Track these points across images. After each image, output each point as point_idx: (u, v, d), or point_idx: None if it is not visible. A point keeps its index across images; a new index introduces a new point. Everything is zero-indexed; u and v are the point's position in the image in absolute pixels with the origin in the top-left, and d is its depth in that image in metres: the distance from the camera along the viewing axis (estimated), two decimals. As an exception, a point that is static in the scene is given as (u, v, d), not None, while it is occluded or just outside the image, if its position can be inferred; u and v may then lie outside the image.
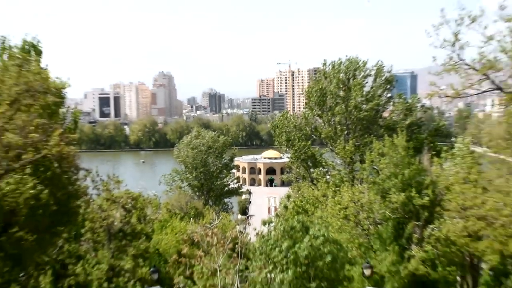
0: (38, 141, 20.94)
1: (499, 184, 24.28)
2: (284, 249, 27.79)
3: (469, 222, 24.87)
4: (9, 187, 24.29)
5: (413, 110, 64.65)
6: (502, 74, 24.27)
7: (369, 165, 42.50)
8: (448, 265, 33.54)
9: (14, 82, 19.71)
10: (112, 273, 33.97)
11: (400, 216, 34.56)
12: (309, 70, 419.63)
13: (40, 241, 28.03)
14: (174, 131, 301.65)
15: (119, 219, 36.48)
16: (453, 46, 24.00)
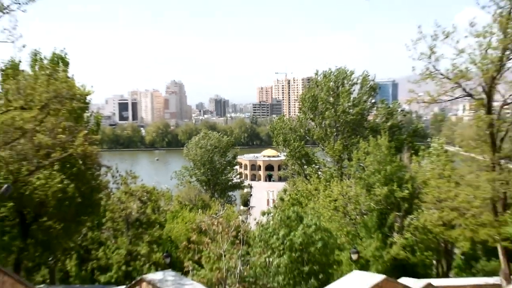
0: (65, 142, 21.01)
1: (470, 179, 24.30)
2: (280, 237, 27.85)
3: (443, 212, 24.88)
4: (40, 182, 24.38)
5: (394, 114, 64.86)
6: (472, 83, 24.37)
7: (356, 163, 42.54)
8: (425, 251, 33.52)
9: (44, 90, 19.75)
10: (130, 258, 34.03)
11: (383, 207, 34.57)
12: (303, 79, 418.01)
13: (66, 229, 28.12)
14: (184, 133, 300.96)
15: (136, 210, 36.53)
16: (429, 58, 24.12)
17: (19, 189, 23.84)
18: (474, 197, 23.19)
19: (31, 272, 32.51)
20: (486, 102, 23.70)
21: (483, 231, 23.36)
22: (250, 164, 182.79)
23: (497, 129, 23.81)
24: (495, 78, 23.19)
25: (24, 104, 19.19)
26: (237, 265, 26.12)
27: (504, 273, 24.04)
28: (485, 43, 23.04)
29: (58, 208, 26.37)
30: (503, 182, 22.48)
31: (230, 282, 25.51)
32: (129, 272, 32.94)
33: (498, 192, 22.75)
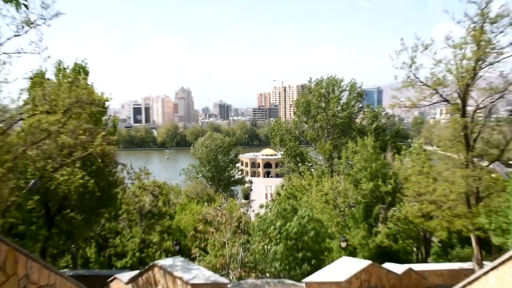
0: (86, 142, 20.96)
1: (446, 175, 24.27)
2: (277, 227, 27.84)
3: (423, 205, 24.84)
4: (63, 178, 24.36)
5: (378, 117, 64.93)
6: (448, 90, 24.37)
7: (345, 161, 42.54)
8: (406, 239, 33.56)
9: (67, 96, 19.71)
10: (143, 245, 34.04)
11: (369, 200, 34.60)
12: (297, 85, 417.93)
13: (87, 220, 28.09)
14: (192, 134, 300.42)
15: (148, 203, 36.56)
16: (410, 67, 24.10)
17: (45, 184, 23.81)
18: (450, 191, 23.17)
19: (55, 258, 32.48)
20: (461, 107, 23.69)
21: (458, 222, 23.35)
22: (251, 162, 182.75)
23: (471, 131, 23.83)
24: (469, 86, 23.20)
25: (49, 108, 19.15)
26: (239, 252, 26.12)
27: (476, 259, 24.03)
28: (460, 54, 23.05)
29: (79, 201, 26.36)
30: (476, 178, 22.48)
31: (232, 267, 25.50)
32: (143, 258, 32.95)
33: (471, 187, 22.74)
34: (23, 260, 7.02)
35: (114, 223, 35.99)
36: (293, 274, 25.90)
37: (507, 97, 24.57)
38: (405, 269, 20.29)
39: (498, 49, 22.59)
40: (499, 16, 22.20)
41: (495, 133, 26.69)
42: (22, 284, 6.92)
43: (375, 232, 33.05)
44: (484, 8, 22.31)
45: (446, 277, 23.91)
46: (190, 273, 15.39)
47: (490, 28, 22.47)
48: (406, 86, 24.78)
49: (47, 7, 17.36)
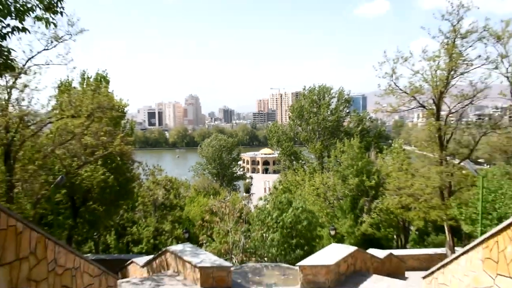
0: (106, 142, 20.97)
1: (423, 172, 24.28)
2: (274, 217, 27.87)
3: (402, 198, 24.85)
4: (86, 174, 24.39)
5: (363, 120, 64.99)
6: (424, 96, 24.41)
7: (334, 159, 42.54)
8: (388, 228, 33.56)
9: (90, 102, 19.75)
10: (157, 233, 34.04)
11: (355, 194, 34.58)
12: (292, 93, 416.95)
13: (107, 211, 28.13)
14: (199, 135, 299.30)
15: (161, 196, 36.55)
16: (391, 77, 24.13)
17: (71, 180, 23.83)
18: (426, 186, 23.20)
19: (80, 244, 32.53)
20: (435, 112, 23.73)
21: (433, 213, 23.38)
22: (251, 160, 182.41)
23: (444, 133, 23.87)
24: (442, 93, 23.25)
25: (74, 113, 19.19)
26: (241, 239, 26.16)
27: (449, 245, 24.06)
28: (435, 65, 23.13)
29: (100, 195, 26.41)
30: (449, 174, 22.52)
31: (235, 252, 25.52)
32: (156, 245, 32.96)
33: (444, 182, 22.77)
34: (52, 246, 7.05)
35: (131, 214, 36.01)
36: (288, 258, 25.90)
37: (476, 103, 24.65)
38: (387, 254, 20.30)
39: (468, 61, 22.71)
40: (468, 32, 22.31)
41: (465, 135, 26.77)
42: (50, 267, 6.94)
43: (360, 221, 33.05)
44: (455, 25, 22.40)
45: (422, 261, 23.92)
46: (198, 257, 15.41)
47: (461, 42, 22.58)
48: (387, 93, 24.83)
49: (72, 24, 17.45)
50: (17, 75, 17.48)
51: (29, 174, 17.69)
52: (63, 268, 7.56)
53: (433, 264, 17.55)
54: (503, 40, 22.63)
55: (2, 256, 5.14)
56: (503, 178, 23.96)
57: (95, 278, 10.01)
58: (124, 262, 23.17)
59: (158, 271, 17.89)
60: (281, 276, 16.44)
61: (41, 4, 7.99)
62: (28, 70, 17.70)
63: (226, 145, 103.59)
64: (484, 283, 6.75)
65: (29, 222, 6.09)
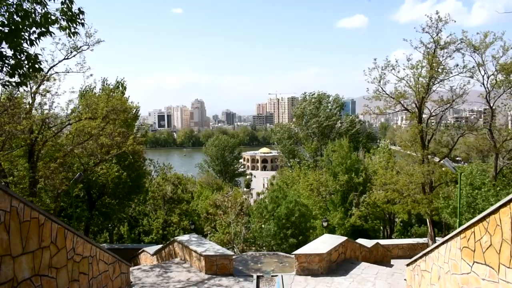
0: (120, 142, 20.94)
1: (407, 169, 24.30)
2: (270, 210, 27.92)
3: (388, 193, 24.86)
4: (102, 171, 24.38)
5: (354, 124, 65.14)
6: (408, 101, 24.43)
7: (326, 158, 42.49)
8: (375, 220, 33.58)
9: (105, 105, 19.75)
10: (165, 225, 33.97)
11: (345, 189, 34.57)
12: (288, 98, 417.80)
13: (120, 204, 28.13)
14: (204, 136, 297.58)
15: (170, 191, 36.47)
16: (379, 82, 24.13)
17: (88, 176, 23.86)
18: (410, 182, 23.20)
19: (96, 234, 32.50)
20: (418, 115, 23.75)
21: (416, 207, 23.39)
22: (251, 158, 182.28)
23: (426, 134, 23.91)
24: (424, 98, 23.29)
25: (91, 115, 19.18)
26: (242, 230, 26.15)
27: (430, 235, 24.07)
28: (417, 73, 23.15)
29: (114, 189, 26.41)
30: (430, 171, 22.53)
31: (236, 242, 25.52)
32: (165, 235, 32.92)
33: (426, 178, 22.78)
34: (71, 236, 7.05)
35: (142, 207, 35.95)
36: (283, 247, 25.93)
37: (455, 107, 24.70)
38: (374, 244, 20.30)
39: (447, 69, 22.78)
40: (447, 43, 22.37)
41: (445, 136, 26.81)
42: (69, 255, 6.94)
43: (350, 214, 33.06)
44: (435, 37, 22.46)
45: (406, 249, 23.91)
46: (203, 246, 15.41)
47: (441, 52, 22.62)
48: (375, 98, 24.84)
49: (90, 35, 17.45)
50: (40, 81, 17.51)
51: (51, 171, 17.70)
52: (81, 256, 7.56)
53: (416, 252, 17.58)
54: (480, 50, 22.69)
55: (26, 245, 5.14)
56: (485, 176, 23.96)
57: (109, 265, 10.00)
58: (136, 251, 23.16)
59: (167, 259, 17.89)
60: (278, 263, 16.45)
61: (65, 16, 8.01)
62: (50, 77, 17.73)
63: (228, 145, 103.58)
64: (462, 270, 6.75)
65: (50, 215, 6.09)
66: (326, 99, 67.85)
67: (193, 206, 42.78)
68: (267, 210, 28.09)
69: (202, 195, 50.02)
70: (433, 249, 8.86)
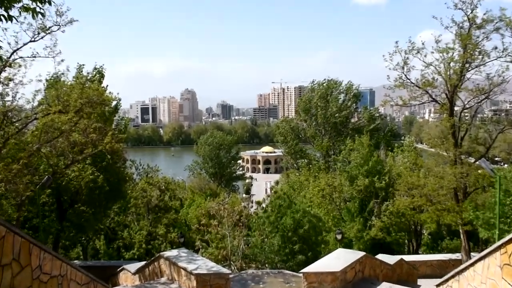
0: (96, 140, 20.93)
1: (436, 171, 24.27)
2: (272, 221, 27.95)
3: (414, 199, 24.84)
4: (74, 174, 24.39)
5: (374, 118, 65.13)
6: (437, 90, 24.37)
7: (342, 158, 42.45)
8: (399, 232, 33.53)
9: (78, 96, 19.73)
10: (150, 237, 34.04)
11: (363, 195, 34.54)
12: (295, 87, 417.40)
13: (96, 214, 28.12)
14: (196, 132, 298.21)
15: (155, 198, 36.53)
16: (402, 69, 24.10)
17: (57, 180, 23.84)
18: (440, 187, 23.15)
19: (67, 249, 32.56)
20: (449, 107, 23.69)
21: (447, 216, 23.37)
22: (251, 159, 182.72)
23: (458, 129, 23.86)
24: (456, 87, 23.22)
25: (61, 108, 19.16)
26: (240, 244, 26.18)
27: (464, 250, 24.04)
28: (448, 57, 23.10)
29: (89, 196, 26.39)
30: (464, 174, 22.47)
31: (234, 258, 25.55)
32: (149, 250, 32.97)
33: (459, 182, 22.74)
34: (37, 251, 7.03)
35: (123, 217, 36.00)
36: (290, 264, 25.94)
37: (492, 98, 24.63)
38: (397, 260, 20.26)
39: (484, 53, 22.65)
40: (484, 21, 22.25)
41: (481, 132, 26.75)
42: (35, 274, 6.92)
43: (369, 225, 33.00)
44: (469, 14, 22.35)
45: (435, 267, 23.90)
46: (194, 263, 15.38)
47: (476, 33, 22.53)
48: (398, 86, 24.81)
49: (61, 14, 17.41)
50: (1, 67, 17.44)
51: (13, 174, 17.67)
52: (49, 276, 7.54)
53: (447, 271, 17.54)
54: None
55: (-18, 263, 5.11)
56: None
57: (83, 286, 10.00)
58: (115, 269, 23.17)
59: (151, 278, 17.89)
60: (284, 283, 16.44)
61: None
62: (13, 63, 17.65)
63: (224, 143, 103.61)
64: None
65: (13, 226, 6.07)
66: (336, 87, 67.45)
67: (182, 215, 42.83)
68: (269, 221, 28.11)
69: (194, 202, 50.08)
70: (467, 267, 8.83)
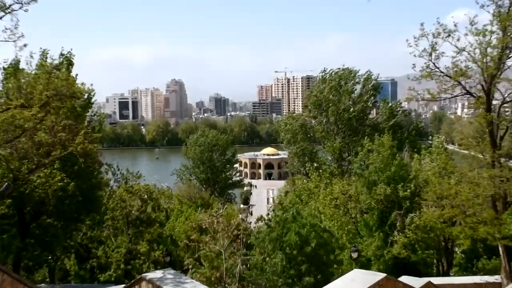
0: (65, 140, 20.96)
1: (470, 177, 24.24)
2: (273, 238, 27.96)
3: (444, 210, 24.83)
4: (40, 180, 24.39)
5: (395, 113, 64.75)
6: (472, 81, 24.32)
7: (359, 160, 42.34)
8: (426, 249, 33.40)
9: (44, 88, 19.74)
10: (129, 256, 33.98)
11: (383, 206, 34.48)
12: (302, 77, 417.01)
13: (66, 228, 28.16)
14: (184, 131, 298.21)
15: (136, 209, 36.50)
16: (430, 55, 24.06)
17: (19, 188, 23.82)
18: (474, 195, 23.10)
19: (30, 271, 32.48)
20: (486, 101, 23.66)
21: (483, 229, 23.32)
22: (250, 162, 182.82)
23: (497, 127, 23.82)
24: (494, 76, 23.18)
25: (24, 102, 19.18)
26: (237, 263, 26.15)
27: (505, 271, 24.00)
28: (485, 41, 23.04)
29: (58, 207, 26.40)
30: (504, 179, 22.44)
31: (230, 281, 25.53)
32: (129, 271, 32.92)
33: (498, 189, 22.71)
34: (-5, 272, 7.07)
35: (97, 231, 35.92)
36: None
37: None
38: (424, 283, 20.31)
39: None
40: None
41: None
42: (-7, 300, 6.96)
43: (391, 241, 32.92)
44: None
45: (470, 291, 23.94)
46: (182, 287, 15.43)
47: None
48: (425, 77, 24.76)
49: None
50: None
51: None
52: (9, 301, 7.57)
53: (484, 295, 17.53)
54: None
55: None
56: None
57: (50, 314, 10.04)
58: (88, 294, 23.19)
59: (131, 304, 17.91)
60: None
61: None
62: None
63: (218, 143, 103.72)
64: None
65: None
66: (351, 77, 67.02)
67: (168, 229, 42.82)
68: (270, 238, 28.14)
69: (182, 214, 50.07)
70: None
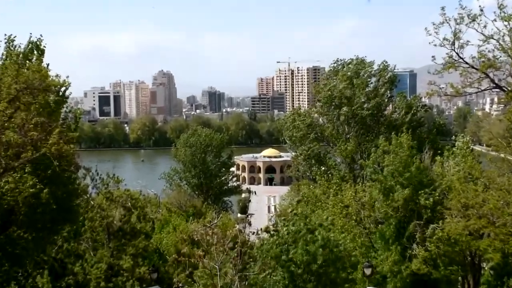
0: (38, 140, 20.88)
1: (500, 183, 24.18)
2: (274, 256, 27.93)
3: (470, 221, 24.76)
4: (8, 186, 24.24)
5: (414, 109, 64.49)
6: (501, 73, 24.20)
7: (374, 162, 42.20)
8: (450, 265, 33.33)
9: (13, 81, 19.64)
10: (111, 272, 33.89)
11: (401, 215, 34.38)
12: (308, 69, 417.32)
13: (39, 240, 28.01)
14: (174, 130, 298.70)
15: (118, 218, 36.43)
16: (452, 44, 23.93)
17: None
18: (505, 203, 23.04)
19: (-2, 289, 32.46)
20: (517, 95, 23.62)
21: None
22: (249, 165, 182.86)
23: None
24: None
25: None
26: (234, 281, 26.07)
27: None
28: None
29: (29, 216, 26.29)
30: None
31: (226, 301, 25.47)
32: (111, 290, 32.90)
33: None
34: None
35: (74, 244, 35.85)
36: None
37: None
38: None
39: None
40: None
41: None
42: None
43: (410, 255, 32.88)
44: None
45: (500, 313, 23.90)
46: (172, 308, 15.37)
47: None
48: (447, 68, 24.63)
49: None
50: None
51: None
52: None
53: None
54: None
55: None
56: None
57: None
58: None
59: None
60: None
61: None
62: None
63: (212, 144, 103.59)
64: None
65: None
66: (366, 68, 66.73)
67: (155, 242, 42.75)
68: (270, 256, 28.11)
69: (170, 224, 50.02)
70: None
